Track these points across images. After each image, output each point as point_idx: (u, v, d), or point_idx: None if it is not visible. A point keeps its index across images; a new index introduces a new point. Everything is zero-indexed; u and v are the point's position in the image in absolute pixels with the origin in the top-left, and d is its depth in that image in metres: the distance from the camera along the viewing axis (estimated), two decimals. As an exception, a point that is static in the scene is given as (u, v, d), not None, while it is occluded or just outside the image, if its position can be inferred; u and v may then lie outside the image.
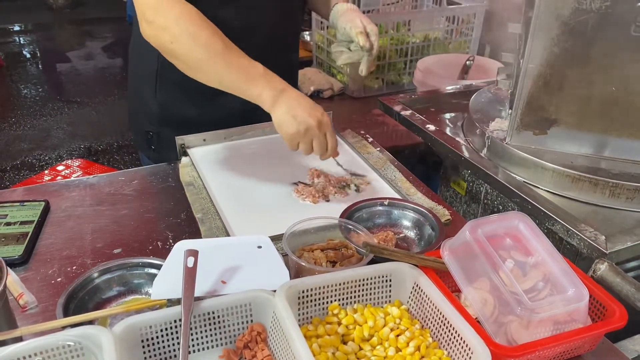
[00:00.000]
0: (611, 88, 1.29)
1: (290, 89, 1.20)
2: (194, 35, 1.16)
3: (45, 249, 1.15)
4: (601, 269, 1.00)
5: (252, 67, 1.18)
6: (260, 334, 0.88)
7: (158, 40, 1.19)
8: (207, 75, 1.21)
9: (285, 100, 1.18)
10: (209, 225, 1.19)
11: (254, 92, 1.18)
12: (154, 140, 1.56)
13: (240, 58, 1.18)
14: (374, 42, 1.41)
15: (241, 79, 1.18)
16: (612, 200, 1.29)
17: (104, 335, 0.77)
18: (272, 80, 1.19)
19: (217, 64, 1.18)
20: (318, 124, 1.18)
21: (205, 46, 1.16)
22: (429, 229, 1.17)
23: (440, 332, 0.88)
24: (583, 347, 0.90)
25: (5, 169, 3.85)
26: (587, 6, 1.22)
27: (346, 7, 1.47)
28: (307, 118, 1.17)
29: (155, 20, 1.17)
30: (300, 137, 1.19)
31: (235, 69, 1.18)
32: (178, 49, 1.18)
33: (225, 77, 1.19)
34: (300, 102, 1.18)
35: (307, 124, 1.17)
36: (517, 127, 1.41)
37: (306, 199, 1.29)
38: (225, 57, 1.17)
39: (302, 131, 1.18)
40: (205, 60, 1.17)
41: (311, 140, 1.20)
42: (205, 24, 1.18)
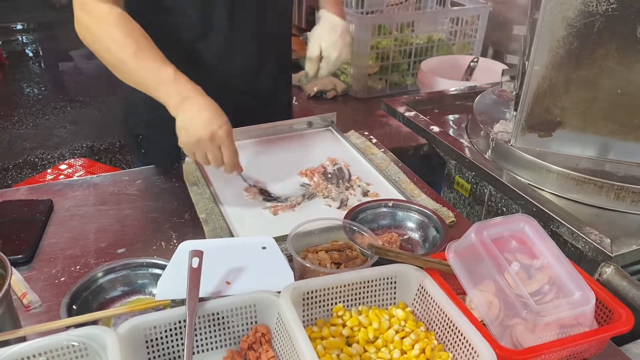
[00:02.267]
0: (617, 90, 1.29)
1: (195, 97, 1.16)
2: (110, 36, 1.17)
3: (49, 248, 1.15)
4: (607, 272, 1.00)
5: (162, 71, 1.17)
6: (265, 335, 0.87)
7: (83, 39, 1.21)
8: (123, 76, 1.22)
9: (187, 108, 1.15)
10: (213, 225, 1.19)
11: (161, 96, 1.18)
12: (143, 144, 1.56)
13: (152, 61, 1.17)
14: (323, 68, 1.42)
15: (150, 81, 1.18)
16: (617, 203, 1.29)
17: (108, 336, 0.77)
18: (179, 86, 1.16)
19: (130, 67, 1.18)
20: (210, 136, 1.13)
21: (119, 48, 1.17)
22: (433, 230, 1.17)
23: (446, 335, 0.87)
24: (589, 351, 0.90)
25: (8, 167, 3.85)
26: (593, 8, 1.22)
27: (323, 19, 1.44)
28: (200, 129, 1.13)
29: (81, 18, 1.20)
30: (193, 147, 1.17)
31: (146, 72, 1.18)
32: (97, 49, 1.20)
33: (137, 78, 1.20)
34: (200, 112, 1.14)
35: (198, 136, 1.14)
36: (522, 129, 1.41)
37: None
38: (137, 60, 1.17)
39: (193, 142, 1.15)
40: (119, 61, 1.18)
41: (204, 152, 1.17)
42: (124, 24, 1.18)
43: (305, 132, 1.61)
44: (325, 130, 1.63)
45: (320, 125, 1.63)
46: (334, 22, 1.42)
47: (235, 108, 1.36)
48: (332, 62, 1.41)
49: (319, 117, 1.63)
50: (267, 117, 1.57)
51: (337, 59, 1.41)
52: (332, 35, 1.40)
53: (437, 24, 2.42)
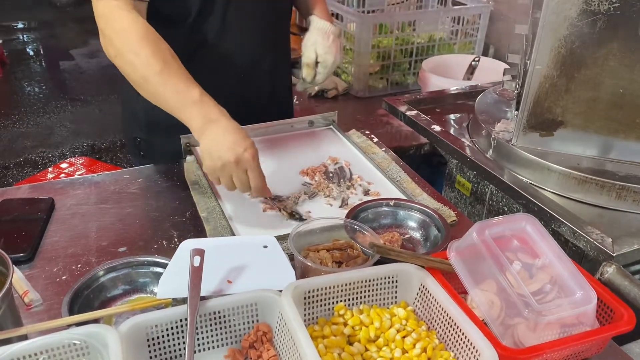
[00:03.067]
0: (618, 90, 1.29)
1: (220, 120, 1.13)
2: (135, 53, 1.13)
3: (50, 246, 1.15)
4: (609, 271, 0.99)
5: (187, 93, 1.13)
6: (266, 334, 0.87)
7: (106, 51, 1.18)
8: (146, 94, 1.18)
9: (211, 132, 1.12)
10: (214, 224, 1.19)
11: (184, 117, 1.14)
12: (142, 147, 1.55)
13: (178, 81, 1.14)
14: (320, 73, 1.43)
15: (175, 102, 1.14)
16: (618, 202, 1.29)
17: (109, 334, 0.77)
18: (203, 108, 1.13)
19: (154, 85, 1.14)
20: (236, 160, 1.10)
21: (144, 65, 1.13)
22: (434, 229, 1.16)
23: (447, 334, 0.87)
24: (590, 350, 0.89)
25: (9, 166, 3.85)
26: (595, 7, 1.22)
27: (314, 24, 1.46)
28: (225, 153, 1.10)
29: (105, 31, 1.16)
30: (218, 172, 1.13)
31: (170, 92, 1.14)
32: (120, 64, 1.17)
33: (161, 99, 1.16)
34: (225, 136, 1.11)
35: (223, 160, 1.10)
36: (523, 128, 1.41)
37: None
38: (161, 79, 1.13)
39: (219, 167, 1.12)
40: (143, 79, 1.15)
41: (230, 176, 1.13)
42: (150, 41, 1.14)
43: (307, 131, 1.61)
44: (327, 130, 1.63)
45: (321, 125, 1.63)
46: (325, 28, 1.44)
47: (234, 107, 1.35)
48: (329, 67, 1.42)
49: (320, 116, 1.63)
50: (268, 116, 1.57)
51: (333, 64, 1.43)
52: (326, 42, 1.42)
53: (438, 23, 2.41)
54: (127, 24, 1.14)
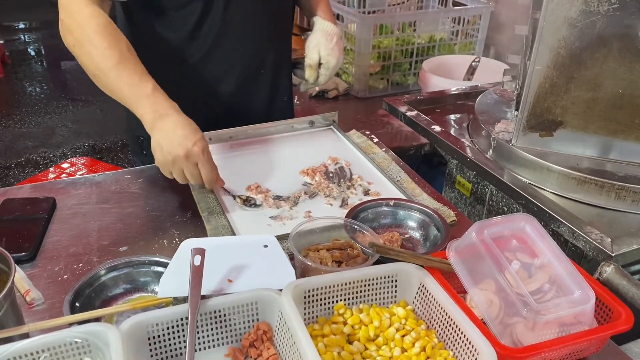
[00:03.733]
0: (618, 90, 1.29)
1: (171, 114, 1.15)
2: (93, 44, 1.15)
3: (51, 246, 1.16)
4: (607, 271, 1.00)
5: (140, 86, 1.15)
6: (266, 332, 0.88)
7: (65, 41, 1.19)
8: (102, 85, 1.19)
9: (161, 126, 1.14)
10: (215, 224, 1.20)
11: (138, 111, 1.17)
12: (145, 145, 1.54)
13: (133, 74, 1.16)
14: (322, 74, 1.45)
15: (128, 95, 1.17)
16: (618, 202, 1.29)
17: (111, 333, 0.78)
18: (155, 102, 1.16)
19: (109, 78, 1.16)
20: (186, 155, 1.13)
21: (100, 57, 1.15)
22: (434, 229, 1.17)
23: (446, 333, 0.88)
24: (588, 350, 0.90)
25: (10, 166, 3.86)
26: (595, 8, 1.22)
27: (318, 26, 1.47)
28: (175, 148, 1.13)
29: (64, 20, 1.18)
30: (169, 166, 1.16)
31: (124, 85, 1.16)
32: (78, 54, 1.18)
33: (116, 91, 1.18)
34: (175, 130, 1.14)
35: (173, 155, 1.13)
36: (523, 128, 1.41)
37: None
38: (116, 72, 1.15)
39: (169, 161, 1.15)
40: (98, 71, 1.16)
41: (181, 170, 1.17)
42: (108, 34, 1.16)
43: (307, 132, 1.61)
44: (327, 130, 1.63)
45: (321, 125, 1.64)
46: (329, 30, 1.45)
47: (237, 107, 1.37)
48: (331, 69, 1.44)
49: (320, 116, 1.64)
50: (269, 116, 1.57)
51: (336, 66, 1.45)
52: (329, 43, 1.43)
53: (438, 24, 2.42)
54: (87, 15, 1.16)
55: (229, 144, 1.51)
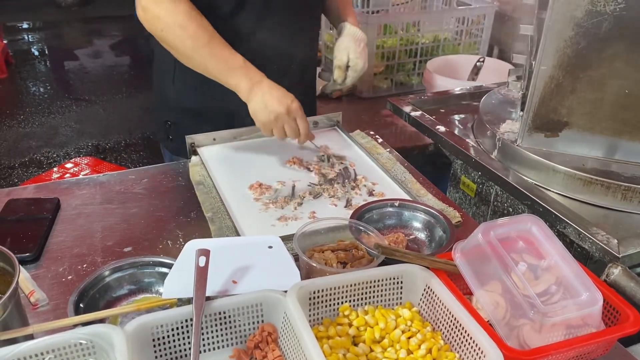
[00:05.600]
0: (624, 91, 1.28)
1: (265, 80, 1.29)
2: (182, 26, 1.25)
3: (56, 246, 1.16)
4: (614, 272, 0.99)
5: (233, 59, 1.28)
6: (271, 334, 0.87)
7: (151, 27, 1.28)
8: (193, 63, 1.30)
9: (259, 90, 1.28)
10: (219, 224, 1.19)
11: (232, 82, 1.29)
12: (171, 130, 1.59)
13: (223, 50, 1.28)
14: (350, 76, 1.52)
15: (222, 69, 1.29)
16: (624, 203, 1.29)
17: (115, 334, 0.77)
18: (249, 72, 1.29)
19: (202, 54, 1.27)
20: (287, 110, 1.28)
21: (192, 37, 1.26)
22: (439, 230, 1.16)
23: (452, 335, 0.87)
24: (596, 352, 0.89)
25: (14, 166, 3.86)
26: (601, 8, 1.21)
27: (347, 31, 1.53)
28: (277, 106, 1.27)
29: (149, 8, 1.26)
30: (272, 123, 1.30)
31: (217, 59, 1.28)
32: (168, 38, 1.28)
33: (209, 66, 1.29)
34: (272, 92, 1.28)
35: (277, 112, 1.28)
36: (529, 129, 1.40)
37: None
38: (209, 48, 1.27)
39: (273, 118, 1.29)
40: (191, 49, 1.27)
41: (282, 126, 1.31)
42: (195, 16, 1.26)
43: (311, 132, 1.60)
44: (331, 130, 1.63)
45: (326, 125, 1.63)
46: (357, 35, 1.53)
47: None
48: (359, 71, 1.52)
49: (324, 116, 1.63)
50: None
51: (362, 68, 1.52)
52: (357, 47, 1.51)
53: (443, 24, 2.41)
54: (172, 1, 1.25)
55: (231, 144, 1.51)
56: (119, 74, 5.47)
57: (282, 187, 1.33)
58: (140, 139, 4.21)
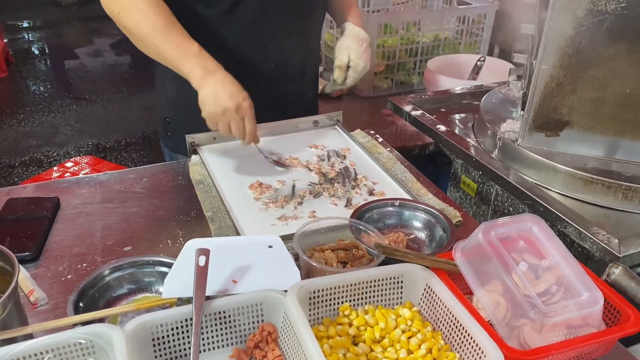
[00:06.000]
0: (625, 90, 1.28)
1: (219, 72, 1.25)
2: (138, 10, 1.23)
3: (55, 245, 1.15)
4: (615, 272, 0.99)
5: (188, 46, 1.24)
6: (271, 334, 0.87)
7: (108, 9, 1.27)
8: (148, 48, 1.27)
9: (211, 81, 1.23)
10: (219, 224, 1.19)
11: (185, 69, 1.24)
12: (170, 127, 1.59)
13: (179, 36, 1.25)
14: (350, 76, 1.49)
15: (176, 55, 1.25)
16: (625, 203, 1.28)
17: (115, 334, 0.77)
18: (204, 60, 1.25)
19: (156, 39, 1.24)
20: (236, 107, 1.23)
21: (147, 21, 1.23)
22: (440, 230, 1.16)
23: (453, 335, 0.87)
24: (596, 352, 0.89)
25: (14, 165, 3.86)
26: (602, 7, 1.21)
27: (349, 30, 1.51)
28: (227, 100, 1.22)
29: None
30: (219, 116, 1.25)
31: (172, 46, 1.24)
32: (124, 21, 1.25)
33: (163, 52, 1.25)
34: (225, 86, 1.23)
35: (225, 106, 1.22)
36: (529, 128, 1.40)
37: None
38: (164, 34, 1.23)
39: (220, 112, 1.23)
40: (146, 34, 1.24)
41: (229, 122, 1.25)
42: (153, 1, 1.24)
43: (311, 131, 1.60)
44: (331, 129, 1.63)
45: (326, 124, 1.63)
46: (360, 35, 1.50)
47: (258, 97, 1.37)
48: (359, 72, 1.49)
49: (325, 115, 1.63)
50: (294, 112, 1.59)
51: (364, 69, 1.49)
52: (359, 47, 1.48)
53: (443, 23, 2.41)
54: None
55: (231, 144, 1.51)
56: (119, 73, 5.47)
57: (282, 187, 1.33)
58: (140, 138, 4.20)
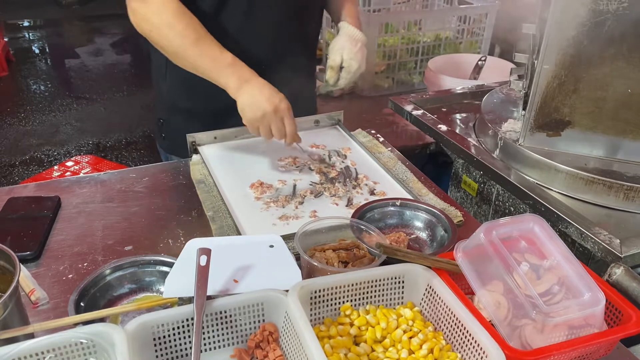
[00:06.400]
0: (627, 90, 1.28)
1: (254, 79, 1.27)
2: (170, 26, 1.25)
3: (56, 245, 1.15)
4: (617, 273, 0.99)
5: (222, 57, 1.27)
6: (272, 333, 0.87)
7: (140, 28, 1.29)
8: (183, 62, 1.30)
9: (248, 88, 1.26)
10: (220, 223, 1.19)
11: (221, 80, 1.27)
12: (164, 128, 1.59)
13: (212, 48, 1.27)
14: (343, 77, 1.47)
15: (211, 67, 1.28)
16: (626, 203, 1.28)
17: (116, 333, 0.77)
18: (238, 70, 1.27)
19: (191, 53, 1.27)
20: (274, 109, 1.25)
21: (180, 36, 1.25)
22: (441, 230, 1.16)
23: (454, 335, 0.87)
24: (598, 352, 0.89)
25: (15, 164, 3.86)
26: (604, 7, 1.21)
27: (344, 30, 1.49)
28: (265, 104, 1.24)
29: (138, 9, 1.28)
30: (258, 121, 1.27)
31: (206, 58, 1.27)
32: (156, 38, 1.28)
33: (198, 64, 1.28)
34: (261, 90, 1.26)
35: (264, 110, 1.25)
36: (531, 128, 1.40)
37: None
38: (198, 47, 1.26)
39: (259, 117, 1.26)
40: (180, 48, 1.27)
41: (269, 125, 1.27)
42: (183, 15, 1.26)
43: (312, 131, 1.60)
44: (332, 129, 1.63)
45: (327, 124, 1.63)
46: (354, 35, 1.47)
47: None
48: (353, 73, 1.46)
49: (326, 115, 1.63)
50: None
51: (357, 70, 1.46)
52: (353, 48, 1.45)
53: (444, 22, 2.41)
54: (161, 2, 1.25)
55: (232, 143, 1.51)
56: (119, 72, 5.46)
57: (283, 186, 1.33)
58: (141, 137, 4.20)
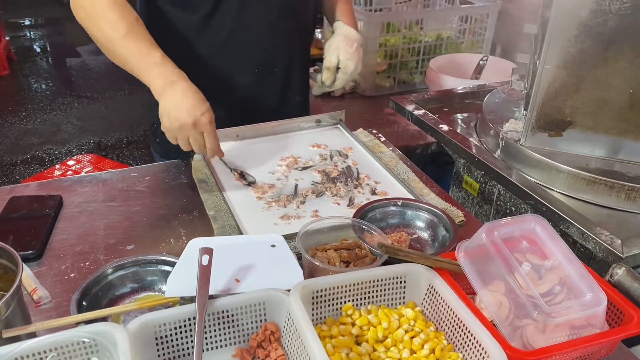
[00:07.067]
0: (629, 90, 1.28)
1: (180, 82, 1.19)
2: (103, 18, 1.20)
3: (58, 244, 1.15)
4: (618, 273, 0.99)
5: (149, 55, 1.20)
6: (274, 333, 0.87)
7: (76, 15, 1.24)
8: (112, 57, 1.24)
9: (170, 93, 1.18)
10: (222, 223, 1.19)
11: (146, 79, 1.21)
12: (158, 132, 1.57)
13: (141, 44, 1.21)
14: (339, 78, 1.45)
15: (138, 64, 1.21)
16: (628, 203, 1.28)
17: (118, 333, 0.77)
18: (164, 70, 1.20)
19: (119, 47, 1.21)
20: (194, 122, 1.17)
21: (110, 29, 1.20)
22: (442, 230, 1.16)
23: (455, 335, 0.87)
24: (599, 352, 0.89)
25: (16, 162, 3.87)
26: (606, 7, 1.21)
27: (339, 30, 1.48)
28: (184, 115, 1.17)
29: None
30: (175, 132, 1.20)
31: (133, 54, 1.21)
32: (89, 27, 1.23)
33: (125, 61, 1.22)
34: (184, 98, 1.18)
35: (181, 122, 1.17)
36: (532, 128, 1.40)
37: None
38: (125, 42, 1.20)
39: (176, 128, 1.19)
40: (108, 42, 1.21)
41: (186, 137, 1.20)
42: (118, 6, 1.21)
43: (314, 130, 1.60)
44: (334, 128, 1.63)
45: (328, 123, 1.63)
46: (350, 35, 1.46)
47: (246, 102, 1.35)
48: (349, 74, 1.45)
49: (327, 115, 1.63)
50: (282, 114, 1.57)
51: (354, 71, 1.45)
52: (349, 48, 1.44)
53: (446, 22, 2.40)
54: None
55: (235, 142, 1.51)
56: (120, 71, 5.36)
57: (284, 186, 1.33)
58: (142, 136, 4.20)
